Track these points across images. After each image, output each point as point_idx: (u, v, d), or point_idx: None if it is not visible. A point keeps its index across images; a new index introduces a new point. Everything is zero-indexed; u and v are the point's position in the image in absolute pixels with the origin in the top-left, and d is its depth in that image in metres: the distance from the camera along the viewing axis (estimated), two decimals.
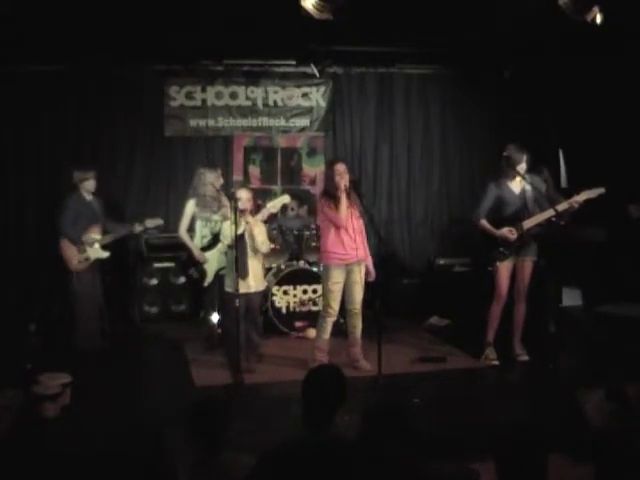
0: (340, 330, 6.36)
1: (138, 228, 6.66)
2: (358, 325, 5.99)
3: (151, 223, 6.70)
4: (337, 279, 5.87)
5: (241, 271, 5.76)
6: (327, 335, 5.98)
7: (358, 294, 5.95)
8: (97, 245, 6.49)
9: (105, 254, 6.56)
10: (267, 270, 7.04)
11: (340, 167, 5.86)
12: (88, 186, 6.50)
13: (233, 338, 5.67)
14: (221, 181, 6.70)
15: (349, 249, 5.84)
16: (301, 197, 8.38)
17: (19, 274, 7.52)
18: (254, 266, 5.97)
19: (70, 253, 6.45)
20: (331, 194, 5.83)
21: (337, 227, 5.82)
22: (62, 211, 6.49)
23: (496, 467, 2.49)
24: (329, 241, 5.89)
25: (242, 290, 5.76)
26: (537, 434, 2.51)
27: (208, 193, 6.49)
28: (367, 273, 6.00)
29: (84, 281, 6.46)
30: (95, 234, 6.50)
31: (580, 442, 3.93)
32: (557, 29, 6.22)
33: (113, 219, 6.84)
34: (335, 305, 5.91)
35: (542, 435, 2.52)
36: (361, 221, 5.97)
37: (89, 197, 6.54)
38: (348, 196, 5.83)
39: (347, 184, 5.78)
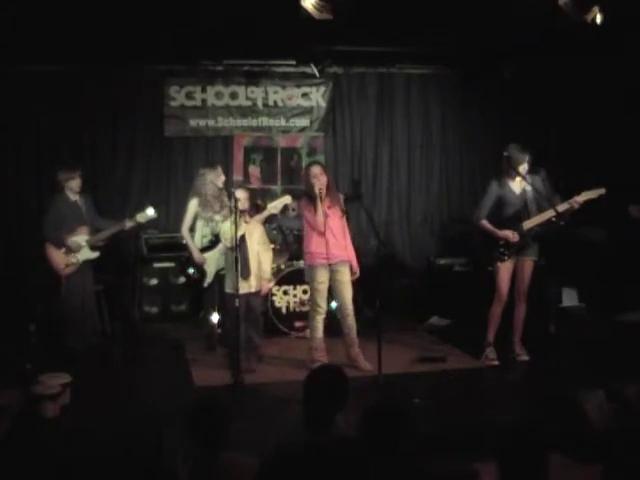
0: (336, 330, 6.35)
1: (129, 224, 6.51)
2: (353, 326, 6.00)
3: (142, 217, 6.51)
4: (322, 278, 5.90)
5: (243, 272, 5.77)
6: (320, 334, 6.00)
7: (347, 295, 5.96)
8: (85, 246, 6.43)
9: (94, 255, 6.47)
10: None
11: (315, 169, 5.89)
12: (73, 185, 6.42)
13: (233, 338, 5.67)
14: (222, 178, 6.62)
15: (333, 249, 5.85)
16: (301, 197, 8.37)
17: (19, 274, 7.51)
18: (256, 266, 5.98)
19: (56, 257, 6.37)
20: (310, 196, 5.86)
21: (314, 230, 5.84)
22: (45, 213, 6.44)
23: (499, 467, 2.49)
24: (313, 242, 5.90)
25: (243, 290, 5.77)
26: (539, 434, 2.51)
27: (210, 192, 6.47)
28: (352, 272, 6.03)
29: (74, 284, 6.39)
30: (82, 235, 6.42)
31: (580, 442, 3.93)
32: (557, 29, 6.22)
33: (103, 217, 6.76)
34: (323, 303, 5.94)
35: (543, 435, 2.52)
36: (344, 220, 6.01)
37: (74, 197, 6.47)
38: (326, 198, 5.81)
39: (322, 187, 5.78)
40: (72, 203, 6.46)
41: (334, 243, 5.86)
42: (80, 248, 6.40)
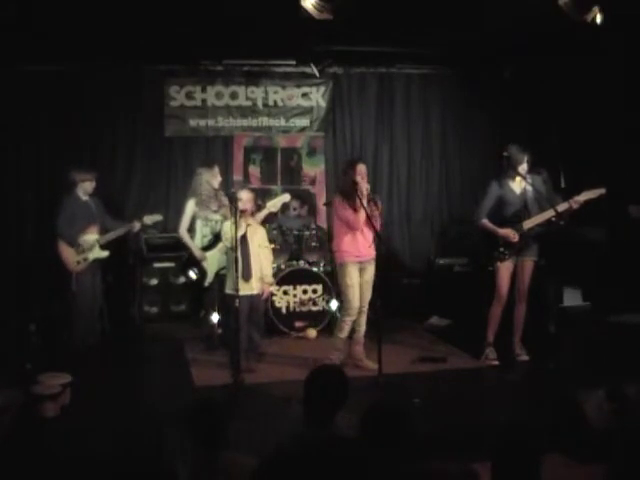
0: None
1: (137, 225, 6.60)
2: (363, 323, 6.00)
3: (150, 220, 6.62)
4: (354, 274, 5.84)
5: (244, 273, 5.76)
6: (346, 334, 5.94)
7: (368, 292, 5.95)
8: (96, 245, 6.48)
9: (104, 254, 6.53)
10: None
11: (362, 167, 5.77)
12: (87, 187, 6.47)
13: (234, 338, 5.67)
14: (219, 178, 6.63)
15: (364, 248, 5.83)
16: (302, 197, 8.37)
17: (19, 274, 7.51)
18: (258, 268, 5.98)
19: (68, 254, 6.42)
20: (348, 195, 5.73)
21: (352, 229, 5.76)
22: (58, 212, 6.48)
23: (492, 467, 2.49)
24: (345, 241, 5.83)
25: (246, 292, 5.78)
26: (531, 434, 2.51)
27: (204, 192, 6.47)
28: None
29: (84, 282, 6.43)
30: (93, 234, 6.47)
31: (580, 442, 3.94)
32: (557, 29, 6.22)
33: (113, 218, 6.80)
34: (356, 302, 5.83)
35: (537, 435, 2.52)
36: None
37: (85, 197, 6.51)
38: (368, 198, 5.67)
39: (368, 187, 5.67)
40: (83, 203, 6.51)
41: (364, 242, 5.83)
42: (91, 247, 6.44)
